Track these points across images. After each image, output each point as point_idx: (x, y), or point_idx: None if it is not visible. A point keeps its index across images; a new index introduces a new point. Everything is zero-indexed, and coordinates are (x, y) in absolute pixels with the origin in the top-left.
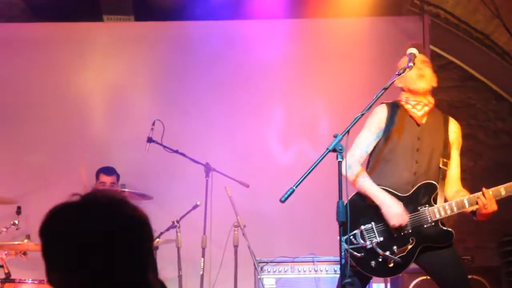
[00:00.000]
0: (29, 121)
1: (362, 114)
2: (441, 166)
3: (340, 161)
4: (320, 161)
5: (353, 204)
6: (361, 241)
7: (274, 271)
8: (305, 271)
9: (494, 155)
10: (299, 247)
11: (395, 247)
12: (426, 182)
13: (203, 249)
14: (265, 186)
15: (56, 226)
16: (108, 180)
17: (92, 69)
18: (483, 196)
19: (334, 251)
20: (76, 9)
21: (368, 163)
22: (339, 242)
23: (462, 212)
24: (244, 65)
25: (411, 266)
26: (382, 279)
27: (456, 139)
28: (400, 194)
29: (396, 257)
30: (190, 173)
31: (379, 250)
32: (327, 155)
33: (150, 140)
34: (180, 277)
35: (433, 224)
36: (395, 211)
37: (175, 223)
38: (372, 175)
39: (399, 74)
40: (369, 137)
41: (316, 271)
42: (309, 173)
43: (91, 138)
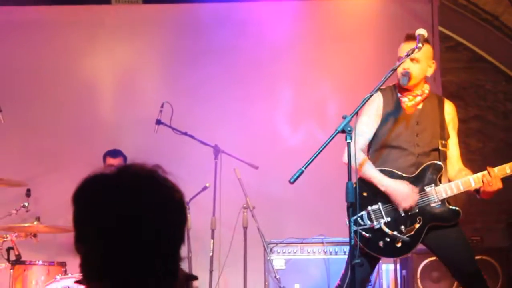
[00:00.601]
0: (38, 104)
1: (370, 95)
2: (440, 148)
3: (349, 142)
4: (329, 142)
5: (359, 186)
6: (369, 222)
7: (284, 252)
8: (314, 252)
9: (504, 137)
10: (308, 228)
11: (402, 227)
12: (432, 162)
13: (213, 230)
14: (274, 168)
15: (88, 196)
16: (114, 162)
17: (101, 52)
18: (488, 174)
19: (344, 232)
20: None
21: (368, 150)
22: (348, 223)
23: (466, 191)
24: (253, 46)
25: (420, 247)
26: (391, 260)
27: (452, 119)
28: (406, 175)
29: (404, 236)
30: (199, 155)
31: (387, 230)
32: (336, 136)
33: (159, 122)
34: (189, 258)
35: (440, 203)
36: (403, 192)
37: None
38: (376, 162)
39: (407, 55)
40: (369, 124)
41: (325, 252)
42: (318, 154)
43: (100, 120)
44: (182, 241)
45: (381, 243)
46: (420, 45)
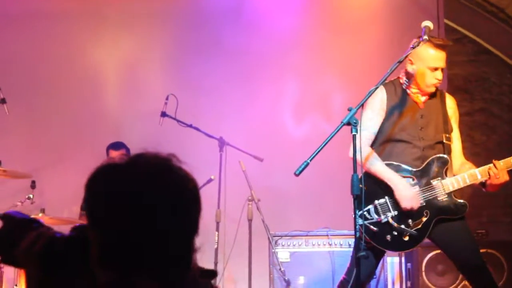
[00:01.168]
0: (42, 96)
1: (376, 88)
2: (444, 141)
3: (354, 135)
4: (335, 134)
5: (366, 180)
6: (376, 216)
7: (289, 245)
8: (319, 244)
9: (508, 129)
10: (313, 221)
11: (410, 221)
12: (438, 155)
13: (218, 223)
14: (279, 160)
15: (100, 184)
16: (117, 154)
17: (106, 44)
18: (494, 167)
19: (349, 225)
20: None
21: (373, 143)
22: (353, 216)
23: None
24: (258, 38)
25: (425, 240)
26: (396, 253)
27: (454, 113)
28: (412, 169)
29: (412, 230)
30: (204, 148)
31: (394, 223)
32: (342, 128)
33: (163, 114)
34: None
35: (446, 196)
36: (407, 193)
37: None
38: (381, 156)
39: (413, 47)
40: (374, 118)
41: (330, 244)
42: (323, 146)
43: (105, 112)
44: (196, 231)
45: (388, 237)
46: (426, 37)
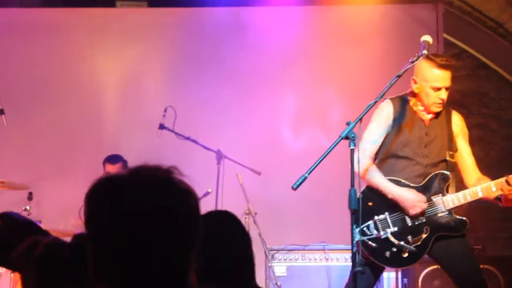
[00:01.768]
0: (41, 107)
1: (375, 102)
2: (448, 158)
3: (352, 149)
4: (333, 148)
5: (365, 196)
6: (375, 232)
7: (285, 259)
8: (316, 259)
9: (507, 145)
10: (310, 235)
11: (409, 237)
12: (439, 172)
13: None
14: (276, 174)
15: (99, 197)
16: (113, 169)
17: (105, 55)
18: (507, 183)
19: (346, 240)
20: None
21: (375, 157)
22: (350, 231)
23: (487, 200)
24: (257, 52)
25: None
26: (393, 268)
27: (461, 130)
28: (413, 185)
29: (411, 246)
30: (201, 160)
31: (394, 240)
32: (340, 142)
33: (162, 126)
34: None
35: (447, 213)
36: (412, 199)
37: None
38: (382, 170)
39: (412, 62)
40: (378, 132)
41: (327, 259)
42: (321, 160)
43: (103, 124)
44: (195, 247)
45: (387, 253)
46: (426, 51)
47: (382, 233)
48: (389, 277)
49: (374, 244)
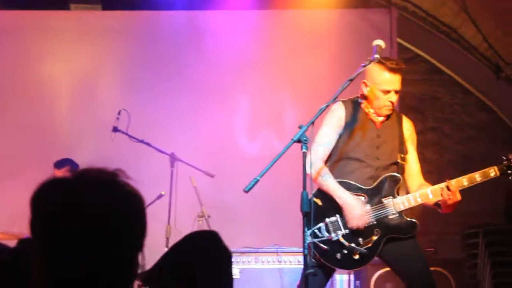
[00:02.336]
0: None
1: (327, 105)
2: (399, 161)
3: (304, 152)
4: (285, 151)
5: (317, 198)
6: (326, 234)
7: (238, 262)
8: (269, 261)
9: (460, 148)
10: (263, 238)
11: (360, 239)
12: (390, 174)
13: (167, 239)
14: (230, 177)
15: (42, 202)
16: (60, 174)
17: (59, 58)
18: (447, 189)
19: (298, 242)
20: None
21: (327, 160)
22: (302, 233)
23: (426, 205)
24: (212, 55)
25: (374, 259)
26: (346, 271)
27: (410, 135)
28: (364, 187)
29: (362, 248)
30: (155, 163)
31: (345, 242)
32: (292, 145)
33: (115, 129)
34: (143, 266)
35: (397, 215)
36: (356, 212)
37: None
38: (334, 172)
39: (364, 65)
40: (330, 134)
41: (280, 262)
42: (273, 163)
43: (56, 126)
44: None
45: (338, 255)
46: (378, 55)
47: (333, 235)
48: (342, 279)
49: (325, 246)
